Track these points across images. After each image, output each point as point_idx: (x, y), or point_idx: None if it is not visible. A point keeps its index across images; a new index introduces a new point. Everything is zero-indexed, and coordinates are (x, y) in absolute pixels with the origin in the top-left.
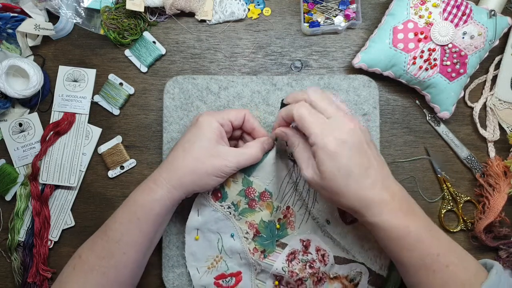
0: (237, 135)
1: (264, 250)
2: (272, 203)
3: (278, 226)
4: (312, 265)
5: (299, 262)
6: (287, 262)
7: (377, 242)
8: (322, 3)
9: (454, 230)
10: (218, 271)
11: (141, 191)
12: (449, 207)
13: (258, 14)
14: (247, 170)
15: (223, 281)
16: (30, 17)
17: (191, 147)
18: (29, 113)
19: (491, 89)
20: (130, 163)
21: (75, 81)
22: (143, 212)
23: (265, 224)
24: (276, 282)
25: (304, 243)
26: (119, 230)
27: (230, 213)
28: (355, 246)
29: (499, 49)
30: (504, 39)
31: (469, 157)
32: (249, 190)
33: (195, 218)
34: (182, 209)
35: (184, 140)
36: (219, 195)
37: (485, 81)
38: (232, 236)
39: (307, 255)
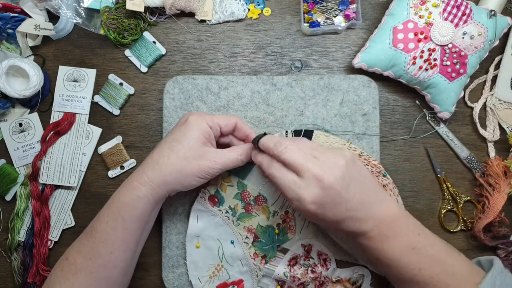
0: (225, 142)
1: (264, 255)
2: (267, 207)
3: (277, 231)
4: (314, 270)
5: (301, 267)
6: (289, 267)
7: None
8: (322, 3)
9: (454, 230)
10: (219, 279)
11: (124, 190)
12: (449, 207)
13: (258, 14)
14: (240, 173)
15: None
16: (30, 17)
17: (179, 146)
18: (29, 113)
19: (491, 89)
20: (130, 163)
21: (75, 81)
22: (127, 211)
23: (263, 229)
24: (278, 287)
25: (306, 248)
26: (105, 229)
27: (229, 218)
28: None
29: (499, 49)
30: (504, 39)
31: (469, 157)
32: (244, 193)
33: (195, 225)
34: (183, 210)
35: (171, 138)
36: (216, 200)
37: (485, 81)
38: (232, 243)
39: (309, 260)
